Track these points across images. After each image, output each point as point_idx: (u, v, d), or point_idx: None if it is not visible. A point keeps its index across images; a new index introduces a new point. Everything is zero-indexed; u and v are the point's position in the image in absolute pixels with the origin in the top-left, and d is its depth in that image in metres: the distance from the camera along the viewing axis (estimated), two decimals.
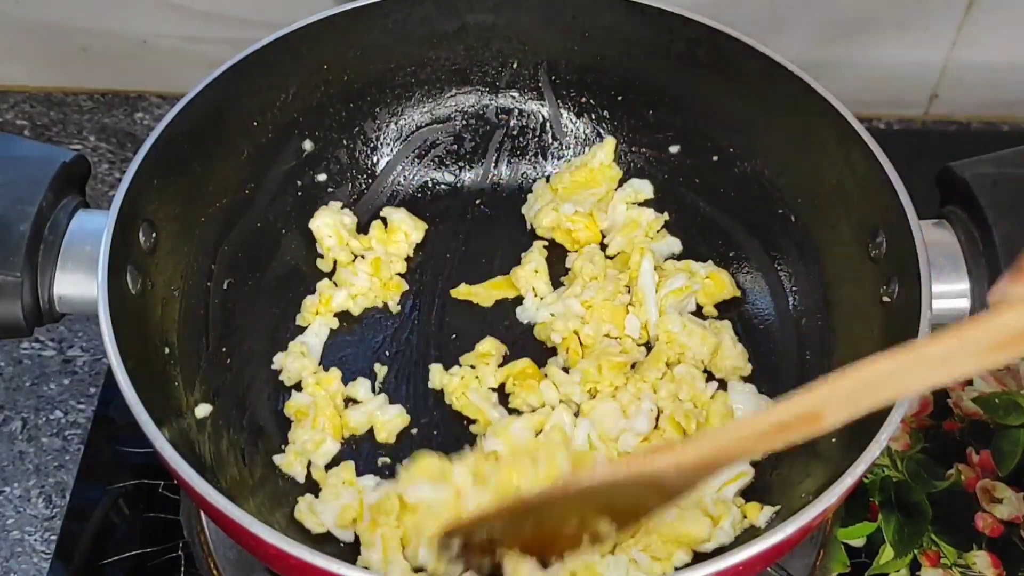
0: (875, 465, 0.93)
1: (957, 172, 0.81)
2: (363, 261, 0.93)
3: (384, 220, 0.96)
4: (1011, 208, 0.78)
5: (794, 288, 0.93)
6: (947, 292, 0.77)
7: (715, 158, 0.96)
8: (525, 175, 1.02)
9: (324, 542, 0.78)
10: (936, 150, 1.19)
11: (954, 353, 0.57)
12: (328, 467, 0.83)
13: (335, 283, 0.93)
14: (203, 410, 0.83)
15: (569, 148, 1.01)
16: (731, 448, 0.63)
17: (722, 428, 0.71)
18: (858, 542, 0.91)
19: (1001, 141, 0.86)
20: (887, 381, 0.59)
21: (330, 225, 0.93)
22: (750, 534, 0.76)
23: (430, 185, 1.01)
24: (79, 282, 0.77)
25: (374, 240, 0.94)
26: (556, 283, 0.94)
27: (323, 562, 0.63)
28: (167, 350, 0.82)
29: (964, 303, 0.78)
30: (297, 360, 0.88)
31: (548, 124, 1.01)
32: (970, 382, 1.00)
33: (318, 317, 0.91)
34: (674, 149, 0.99)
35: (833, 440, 0.79)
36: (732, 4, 1.00)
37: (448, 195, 1.01)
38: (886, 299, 0.80)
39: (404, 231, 0.95)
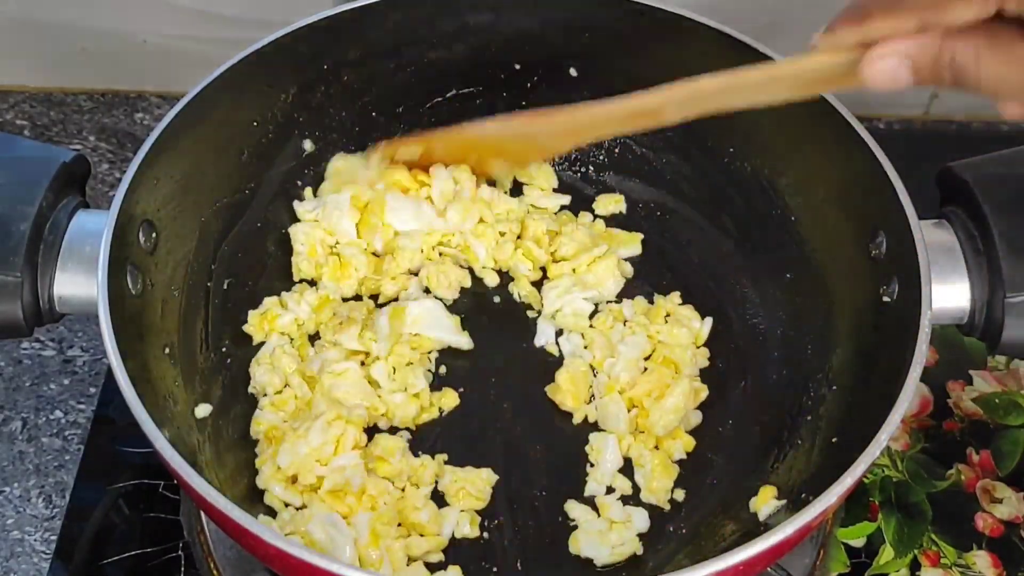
0: (875, 465, 0.93)
1: (957, 172, 0.81)
2: (311, 292, 0.91)
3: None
4: (1011, 208, 0.77)
5: (794, 288, 0.93)
6: (947, 292, 0.77)
7: (715, 158, 0.96)
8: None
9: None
10: (936, 150, 1.19)
11: (766, 82, 0.73)
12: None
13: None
14: (203, 410, 0.83)
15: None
16: (591, 121, 0.83)
17: (584, 105, 0.84)
18: (858, 542, 0.91)
19: (1001, 141, 0.85)
20: (716, 95, 0.76)
21: (306, 234, 0.93)
22: (750, 534, 0.76)
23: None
24: (79, 282, 0.77)
25: (325, 275, 0.92)
26: None
27: (323, 562, 0.63)
28: (167, 350, 0.82)
29: (964, 303, 0.78)
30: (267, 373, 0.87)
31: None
32: (970, 382, 1.00)
33: (273, 335, 0.90)
34: (673, 149, 0.99)
35: (833, 440, 0.79)
36: (732, 4, 1.00)
37: None
38: (886, 299, 0.80)
39: (355, 267, 0.93)
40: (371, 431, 0.84)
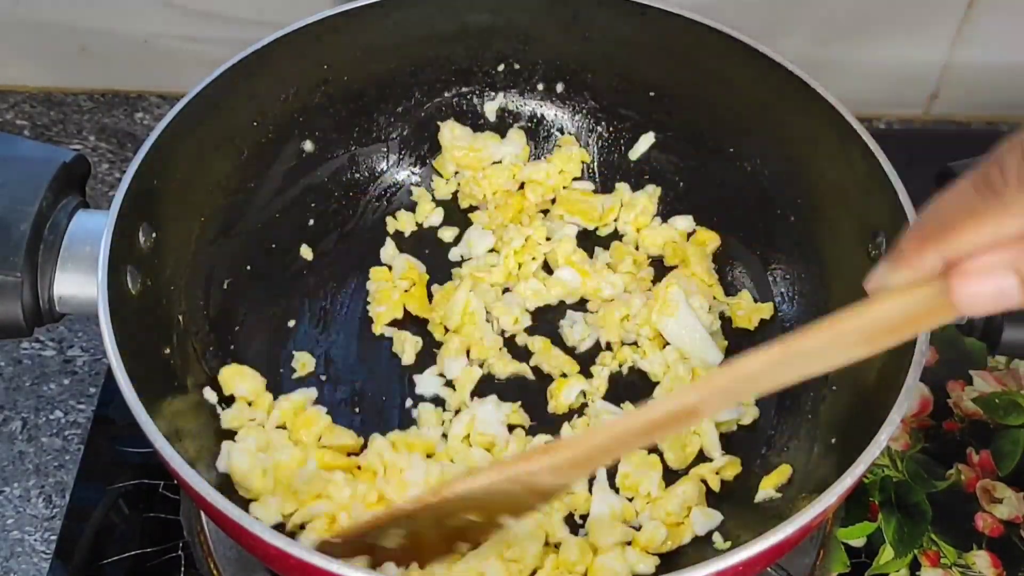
0: (875, 465, 0.93)
1: (957, 172, 0.81)
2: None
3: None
4: None
5: (794, 288, 0.93)
6: None
7: (715, 158, 0.96)
8: None
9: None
10: (936, 150, 1.19)
11: (828, 346, 0.58)
12: None
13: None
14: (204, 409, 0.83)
15: (569, 148, 1.01)
16: (605, 446, 0.65)
17: (595, 428, 0.72)
18: (858, 542, 0.91)
19: (1001, 141, 0.85)
20: (763, 376, 0.60)
21: None
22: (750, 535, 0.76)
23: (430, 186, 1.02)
24: (79, 282, 0.77)
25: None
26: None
27: (323, 562, 0.63)
28: (167, 350, 0.82)
29: None
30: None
31: (548, 124, 1.02)
32: (970, 382, 1.00)
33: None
34: (673, 149, 0.99)
35: (833, 440, 0.79)
36: (732, 4, 1.00)
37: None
38: None
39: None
40: None
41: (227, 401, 0.85)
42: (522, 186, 0.99)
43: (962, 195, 0.50)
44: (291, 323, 0.92)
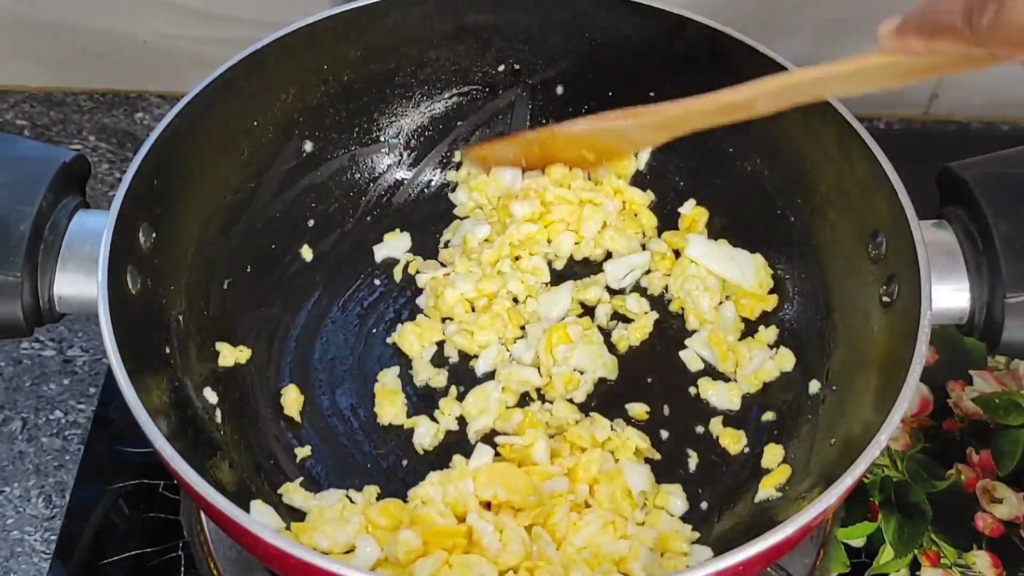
0: (875, 465, 0.93)
1: (957, 172, 0.81)
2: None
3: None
4: (1011, 208, 0.78)
5: (794, 288, 0.93)
6: (947, 292, 0.77)
7: (715, 158, 0.96)
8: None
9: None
10: (936, 150, 1.19)
11: (859, 73, 0.72)
12: None
13: None
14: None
15: None
16: (683, 116, 0.84)
17: (675, 103, 0.84)
18: (858, 542, 0.91)
19: (1001, 141, 0.86)
20: (806, 86, 0.77)
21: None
22: (749, 535, 0.76)
23: (430, 185, 1.02)
24: (79, 282, 0.77)
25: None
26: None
27: (323, 562, 0.63)
28: (167, 350, 0.82)
29: (964, 303, 0.78)
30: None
31: (548, 124, 1.01)
32: (970, 382, 1.00)
33: None
34: (673, 149, 0.99)
35: (833, 440, 0.79)
36: (732, 4, 1.00)
37: (448, 196, 1.01)
38: (886, 299, 0.80)
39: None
40: None
41: (227, 401, 0.85)
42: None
43: (952, 13, 0.61)
44: (291, 323, 0.92)
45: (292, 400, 0.87)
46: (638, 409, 0.87)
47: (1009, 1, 0.57)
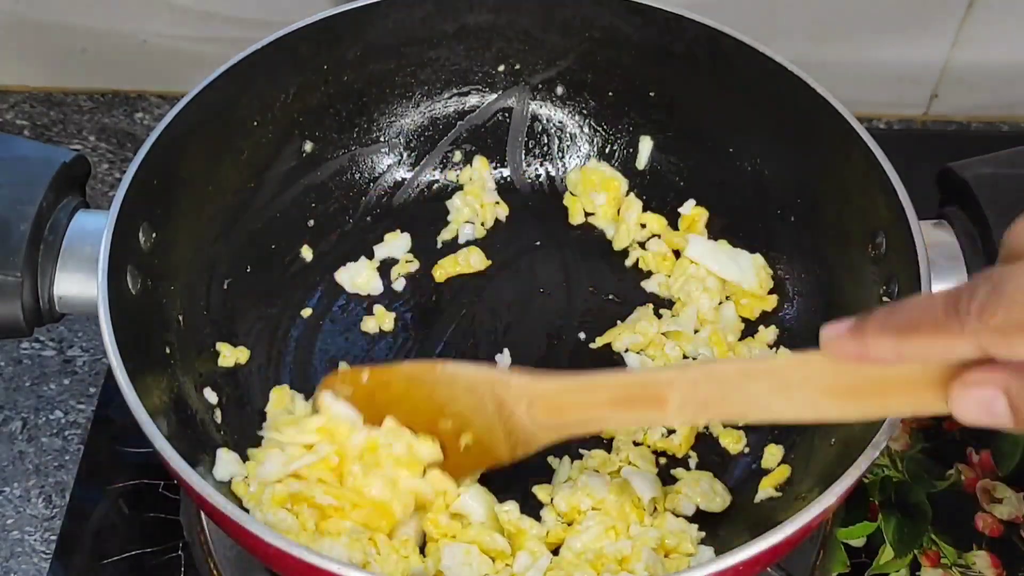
0: (875, 465, 0.93)
1: (957, 172, 0.81)
2: None
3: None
4: (1011, 208, 0.77)
5: (794, 288, 0.93)
6: None
7: (715, 158, 0.96)
8: (525, 175, 1.02)
9: None
10: (936, 150, 1.18)
11: (782, 380, 0.60)
12: None
13: None
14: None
15: (569, 148, 1.02)
16: (583, 399, 0.69)
17: (580, 376, 0.70)
18: (858, 542, 0.91)
19: (1001, 141, 0.86)
20: (740, 391, 0.63)
21: None
22: (750, 535, 0.76)
23: (430, 185, 1.02)
24: (79, 282, 0.77)
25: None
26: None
27: (323, 562, 0.63)
28: (167, 350, 0.82)
29: None
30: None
31: (548, 124, 1.02)
32: None
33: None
34: (673, 149, 0.99)
35: (833, 440, 0.79)
36: (732, 4, 1.00)
37: (448, 195, 1.01)
38: (886, 299, 0.80)
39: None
40: None
41: (227, 401, 0.85)
42: None
43: (932, 304, 0.52)
44: (291, 323, 0.92)
45: (277, 399, 0.86)
46: None
47: (1007, 277, 0.48)
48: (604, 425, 0.74)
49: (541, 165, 1.02)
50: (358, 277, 0.95)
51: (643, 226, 0.98)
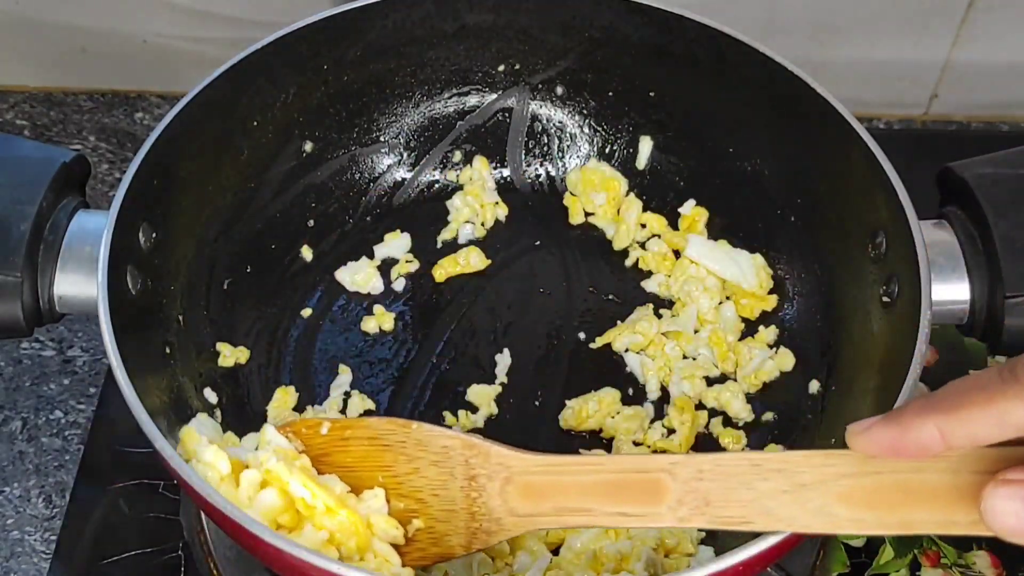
0: None
1: (957, 172, 0.81)
2: None
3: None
4: (1011, 208, 0.77)
5: (794, 288, 0.93)
6: (947, 292, 0.77)
7: (715, 158, 0.96)
8: (525, 175, 1.02)
9: None
10: (936, 150, 1.19)
11: (826, 483, 0.53)
12: None
13: None
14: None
15: (569, 148, 1.02)
16: (564, 487, 0.60)
17: (564, 459, 0.62)
18: (858, 542, 0.91)
19: (1001, 141, 0.86)
20: (748, 488, 0.56)
21: None
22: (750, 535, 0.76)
23: (430, 185, 1.02)
24: (79, 282, 0.77)
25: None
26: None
27: (323, 562, 0.63)
28: (167, 350, 0.82)
29: (964, 303, 0.78)
30: None
31: (548, 124, 1.02)
32: None
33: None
34: (672, 149, 0.99)
35: (833, 440, 0.79)
36: (732, 4, 1.00)
37: (448, 195, 1.01)
38: (886, 299, 0.80)
39: None
40: None
41: (227, 401, 0.85)
42: None
43: (981, 377, 0.49)
44: (291, 323, 0.92)
45: (280, 400, 0.86)
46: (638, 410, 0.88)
47: None
48: (585, 520, 0.62)
49: (541, 165, 1.03)
50: (358, 277, 0.95)
51: (643, 226, 0.98)
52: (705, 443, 0.86)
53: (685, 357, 0.91)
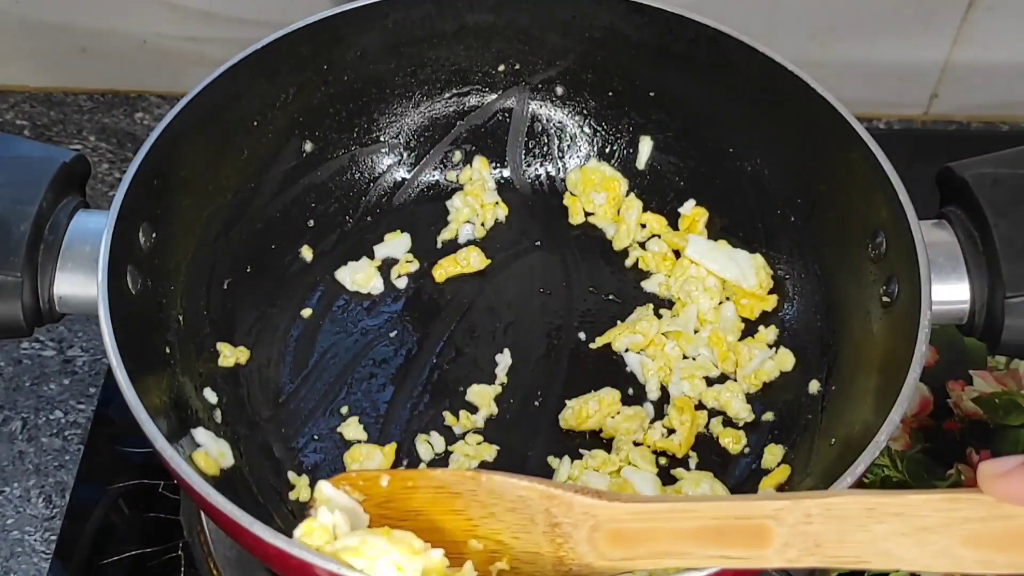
0: (875, 465, 0.93)
1: (957, 172, 0.81)
2: None
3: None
4: (1011, 208, 0.77)
5: (794, 288, 0.93)
6: (947, 292, 0.77)
7: (715, 158, 0.96)
8: (525, 175, 1.02)
9: None
10: (936, 150, 1.19)
11: (950, 526, 0.51)
12: None
13: None
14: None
15: (569, 148, 1.02)
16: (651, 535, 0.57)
17: (644, 504, 0.59)
18: None
19: (1001, 141, 0.86)
20: (862, 530, 0.53)
21: None
22: None
23: (430, 185, 1.02)
24: (79, 282, 0.77)
25: None
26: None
27: (323, 562, 0.63)
28: (167, 350, 0.82)
29: (964, 303, 0.78)
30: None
31: (548, 124, 1.02)
32: (970, 382, 1.00)
33: None
34: (673, 149, 0.99)
35: (833, 440, 0.79)
36: (732, 4, 1.00)
37: (448, 195, 1.01)
38: (886, 299, 0.80)
39: None
40: None
41: (227, 401, 0.85)
42: None
43: None
44: (291, 323, 0.92)
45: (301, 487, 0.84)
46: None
47: None
48: (683, 562, 0.59)
49: (541, 165, 1.03)
50: (358, 277, 0.95)
51: (643, 226, 0.98)
52: (705, 443, 0.86)
53: (685, 357, 0.91)
